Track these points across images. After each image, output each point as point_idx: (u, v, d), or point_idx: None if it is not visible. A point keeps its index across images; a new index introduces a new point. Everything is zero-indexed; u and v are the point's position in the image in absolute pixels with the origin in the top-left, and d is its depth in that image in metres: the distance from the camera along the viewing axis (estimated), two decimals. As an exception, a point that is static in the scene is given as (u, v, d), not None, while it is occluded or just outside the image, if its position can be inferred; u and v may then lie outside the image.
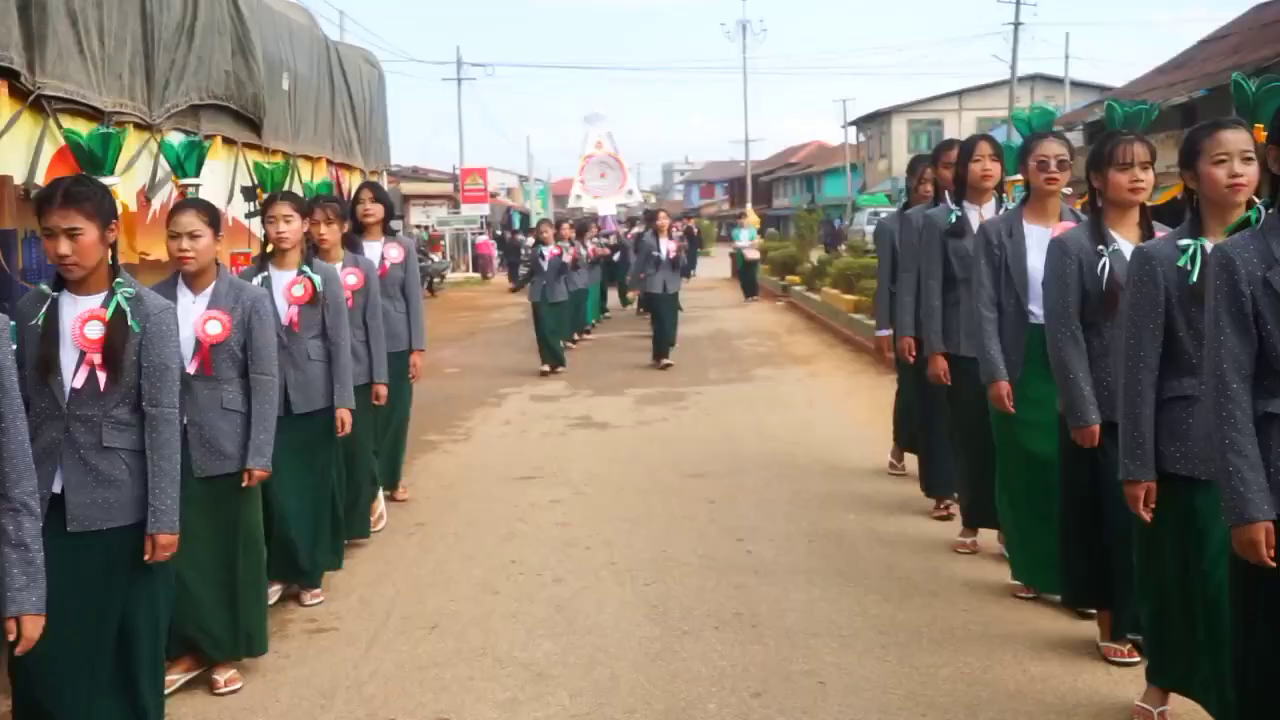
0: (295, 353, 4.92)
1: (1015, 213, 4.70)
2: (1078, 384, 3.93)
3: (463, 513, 6.72)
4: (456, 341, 17.08)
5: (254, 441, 4.16)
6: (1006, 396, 4.62)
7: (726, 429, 9.14)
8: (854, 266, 16.70)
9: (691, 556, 5.67)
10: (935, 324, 5.43)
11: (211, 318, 4.10)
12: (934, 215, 5.49)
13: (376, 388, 5.78)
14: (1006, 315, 4.64)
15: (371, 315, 5.72)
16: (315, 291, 4.95)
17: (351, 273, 5.60)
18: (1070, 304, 3.97)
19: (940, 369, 5.42)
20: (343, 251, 5.68)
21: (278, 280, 4.95)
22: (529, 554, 5.81)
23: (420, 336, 6.60)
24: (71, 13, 4.62)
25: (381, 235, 6.46)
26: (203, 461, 4.10)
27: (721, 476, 7.42)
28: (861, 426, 8.95)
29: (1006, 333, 4.64)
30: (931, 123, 56.71)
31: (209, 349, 4.10)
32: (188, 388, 3.95)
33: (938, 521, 6.11)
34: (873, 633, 4.55)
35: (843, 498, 6.74)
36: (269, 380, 4.21)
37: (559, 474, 7.70)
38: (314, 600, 5.10)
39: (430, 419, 10.03)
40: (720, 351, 14.61)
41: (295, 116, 7.83)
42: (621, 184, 29.37)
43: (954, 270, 5.34)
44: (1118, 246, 3.92)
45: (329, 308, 5.04)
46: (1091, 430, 3.92)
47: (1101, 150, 3.94)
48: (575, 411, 10.32)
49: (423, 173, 50.43)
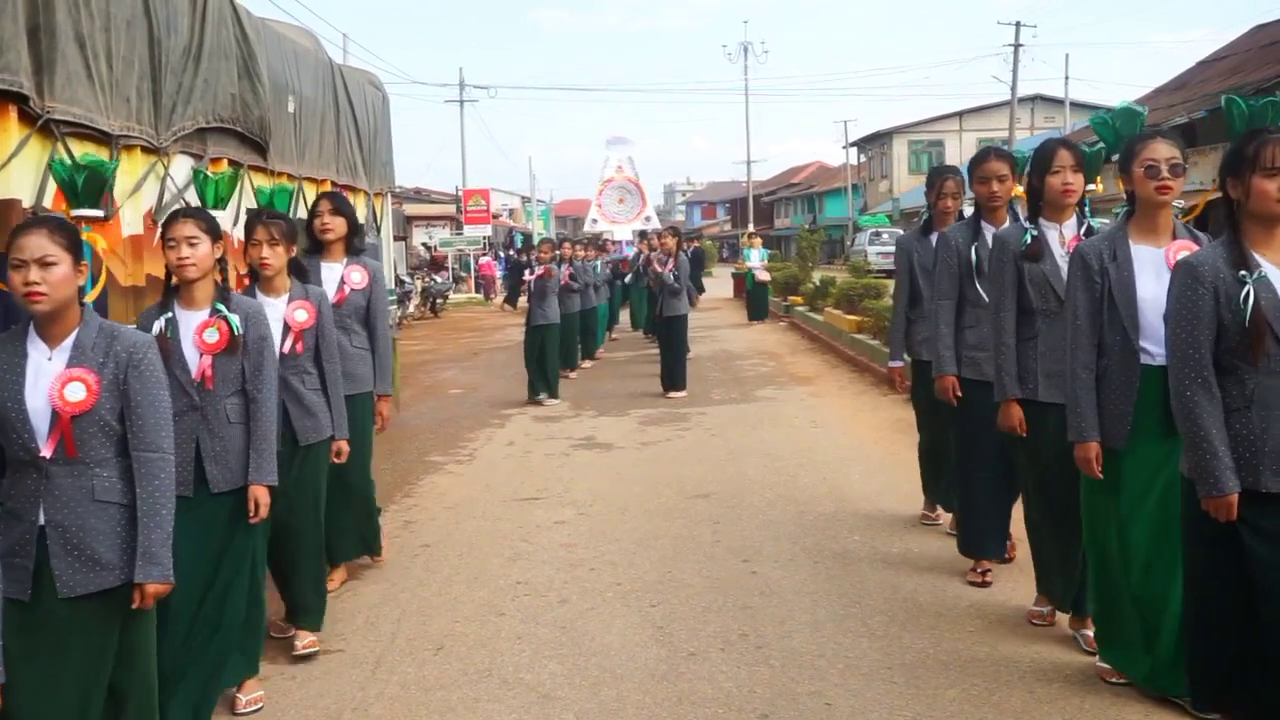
0: (210, 415, 3.94)
1: (1118, 231, 3.93)
2: (1210, 442, 3.21)
3: (467, 534, 6.71)
4: (459, 362, 17.10)
5: (144, 545, 3.07)
6: (1096, 459, 3.88)
7: (730, 450, 9.13)
8: (855, 286, 16.72)
9: (697, 578, 5.65)
10: (1010, 364, 4.56)
11: (73, 379, 3.09)
12: (1007, 235, 4.62)
13: (336, 444, 4.85)
14: (1110, 356, 3.87)
15: (328, 358, 4.77)
16: (233, 336, 3.94)
17: (300, 307, 4.69)
18: (1202, 342, 3.25)
19: (1015, 419, 4.55)
20: (290, 281, 4.73)
21: (185, 322, 3.95)
22: (534, 575, 5.80)
23: (386, 378, 5.60)
24: (80, 37, 4.65)
25: (344, 255, 5.55)
26: (69, 575, 3.04)
27: (725, 497, 7.41)
28: (865, 447, 8.94)
29: (1111, 378, 3.87)
30: (932, 143, 56.92)
31: (69, 421, 3.06)
32: (44, 475, 3.07)
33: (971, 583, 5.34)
34: (879, 654, 4.53)
35: (847, 519, 6.72)
36: (158, 460, 3.13)
37: (563, 495, 7.69)
38: None
39: (434, 440, 10.05)
40: (723, 372, 14.61)
41: (300, 139, 7.86)
42: (640, 210, 29.06)
43: (1029, 299, 4.52)
44: (1264, 272, 3.23)
45: (250, 354, 4.01)
46: (1229, 500, 3.20)
47: (1244, 151, 3.26)
48: (578, 432, 10.32)
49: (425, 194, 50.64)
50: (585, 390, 13.30)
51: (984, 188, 5.22)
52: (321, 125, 8.48)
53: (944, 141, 56.17)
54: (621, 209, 29.01)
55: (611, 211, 29.12)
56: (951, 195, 5.97)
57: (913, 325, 6.23)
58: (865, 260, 27.81)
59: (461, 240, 37.79)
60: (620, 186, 29.22)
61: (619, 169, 29.42)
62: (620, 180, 29.23)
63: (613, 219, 28.94)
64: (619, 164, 29.49)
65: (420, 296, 27.19)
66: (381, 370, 5.55)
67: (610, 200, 29.17)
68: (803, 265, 24.60)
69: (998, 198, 5.20)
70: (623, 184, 29.22)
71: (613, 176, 29.27)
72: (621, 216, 28.92)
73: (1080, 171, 4.44)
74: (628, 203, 29.11)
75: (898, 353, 6.43)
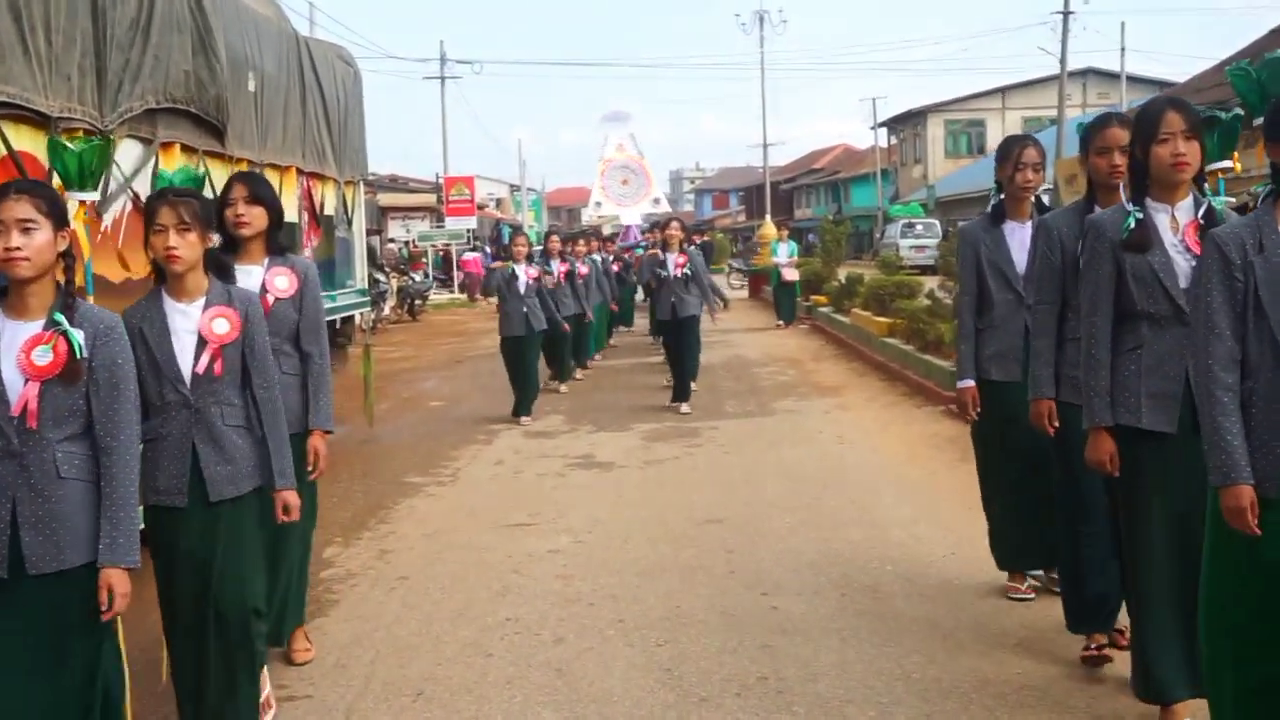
0: (34, 467, 3.25)
1: (1263, 216, 3.46)
2: None
3: (450, 564, 6.71)
4: (439, 371, 17.12)
5: None
6: (1251, 508, 3.29)
7: (746, 469, 9.14)
8: (886, 285, 16.73)
9: (708, 613, 5.65)
10: (1101, 381, 4.10)
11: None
12: (1102, 221, 4.17)
13: (280, 496, 4.08)
14: (1258, 376, 3.37)
15: (261, 382, 4.05)
16: (72, 358, 3.28)
17: (220, 315, 3.96)
18: None
19: (1105, 452, 4.11)
20: (207, 281, 4.01)
21: (9, 336, 3.30)
22: (525, 611, 5.80)
23: (324, 411, 4.90)
24: (14, 7, 4.67)
25: (264, 255, 4.86)
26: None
27: (741, 523, 7.41)
28: (898, 465, 8.94)
29: (1259, 405, 3.36)
30: (971, 123, 57.07)
31: None
32: None
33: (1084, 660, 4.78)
34: (915, 699, 4.52)
35: (878, 545, 6.72)
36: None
37: (558, 520, 7.69)
38: None
39: (412, 458, 10.06)
40: (738, 381, 14.62)
41: (262, 121, 7.89)
42: (646, 191, 28.94)
43: (1132, 300, 4.06)
44: None
45: (98, 386, 3.34)
46: None
47: None
48: (575, 450, 10.33)
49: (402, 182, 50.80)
50: (582, 403, 13.31)
51: (1103, 160, 4.62)
52: (285, 106, 8.51)
53: (985, 121, 56.30)
54: (626, 190, 28.94)
55: (616, 193, 29.06)
56: (1033, 168, 5.43)
57: (981, 336, 5.63)
58: (897, 255, 27.79)
59: (443, 234, 37.86)
60: (623, 166, 29.16)
61: (619, 147, 29.41)
62: (622, 159, 29.18)
63: (618, 201, 28.91)
64: (619, 142, 29.49)
65: (396, 297, 27.24)
66: (318, 400, 4.88)
67: (613, 181, 29.12)
68: (826, 261, 24.58)
69: (1120, 173, 4.53)
70: (625, 163, 29.15)
71: (613, 156, 29.23)
72: (627, 199, 28.85)
73: (1195, 138, 3.98)
74: (632, 183, 29.04)
75: (967, 370, 5.66)
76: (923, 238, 39.28)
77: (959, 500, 7.24)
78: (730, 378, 14.96)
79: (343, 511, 8.05)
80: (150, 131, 6.11)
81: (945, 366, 11.79)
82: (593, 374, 16.02)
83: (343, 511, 8.05)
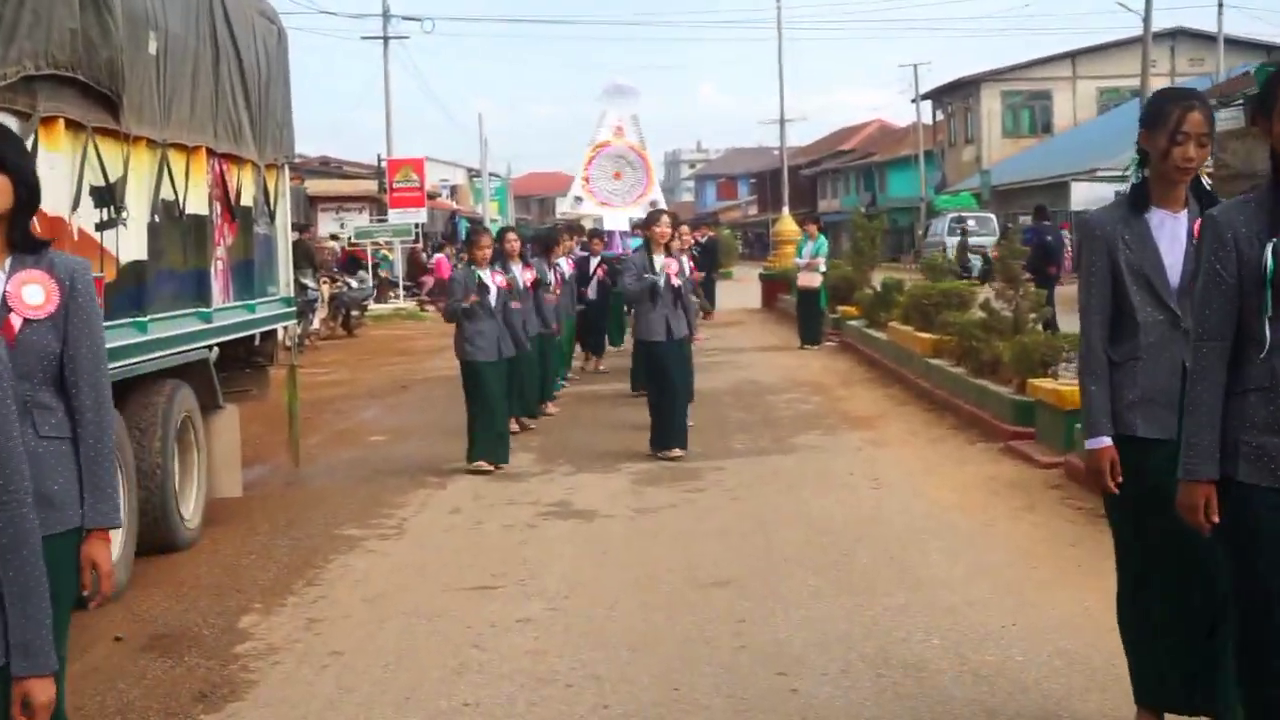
0: None
1: None
2: None
3: (395, 636, 6.71)
4: (381, 398, 17.13)
5: None
6: None
7: (759, 519, 9.14)
8: (931, 293, 16.80)
9: (714, 697, 5.66)
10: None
11: None
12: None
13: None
14: None
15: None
16: None
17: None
18: None
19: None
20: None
21: None
22: (488, 694, 5.79)
23: (106, 493, 3.90)
24: None
25: (5, 254, 3.78)
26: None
27: (753, 585, 7.42)
28: (946, 513, 8.96)
29: None
30: (1035, 95, 57.47)
31: None
32: None
33: None
34: (968, 803, 4.53)
35: (923, 613, 6.73)
36: None
37: (528, 582, 7.69)
38: None
39: (348, 506, 10.04)
40: (749, 411, 14.65)
41: (166, 91, 7.91)
42: (644, 190, 26.99)
43: None
44: None
45: None
46: None
47: None
48: (549, 495, 10.32)
49: (336, 166, 50.90)
50: (557, 438, 13.32)
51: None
52: (195, 72, 8.53)
53: (1051, 93, 56.74)
54: (618, 187, 27.10)
55: (603, 190, 27.17)
56: (1197, 141, 4.58)
57: (1119, 373, 4.74)
58: (944, 256, 27.85)
59: (385, 229, 37.87)
60: (618, 156, 27.35)
61: (617, 130, 27.60)
62: (619, 147, 27.41)
63: (604, 200, 26.99)
64: (618, 124, 27.70)
65: (328, 308, 27.22)
66: (96, 481, 3.87)
67: (603, 173, 27.15)
68: (857, 263, 24.47)
69: None
70: (621, 152, 27.39)
71: (609, 140, 27.34)
72: (616, 198, 26.86)
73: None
74: (626, 178, 27.28)
75: (1101, 422, 4.72)
76: (980, 234, 39.47)
77: (1022, 558, 7.27)
78: (740, 407, 14.98)
79: (263, 572, 8.04)
80: (29, 103, 6.13)
81: (1005, 394, 11.82)
82: (568, 403, 16.04)
83: (263, 572, 8.04)
